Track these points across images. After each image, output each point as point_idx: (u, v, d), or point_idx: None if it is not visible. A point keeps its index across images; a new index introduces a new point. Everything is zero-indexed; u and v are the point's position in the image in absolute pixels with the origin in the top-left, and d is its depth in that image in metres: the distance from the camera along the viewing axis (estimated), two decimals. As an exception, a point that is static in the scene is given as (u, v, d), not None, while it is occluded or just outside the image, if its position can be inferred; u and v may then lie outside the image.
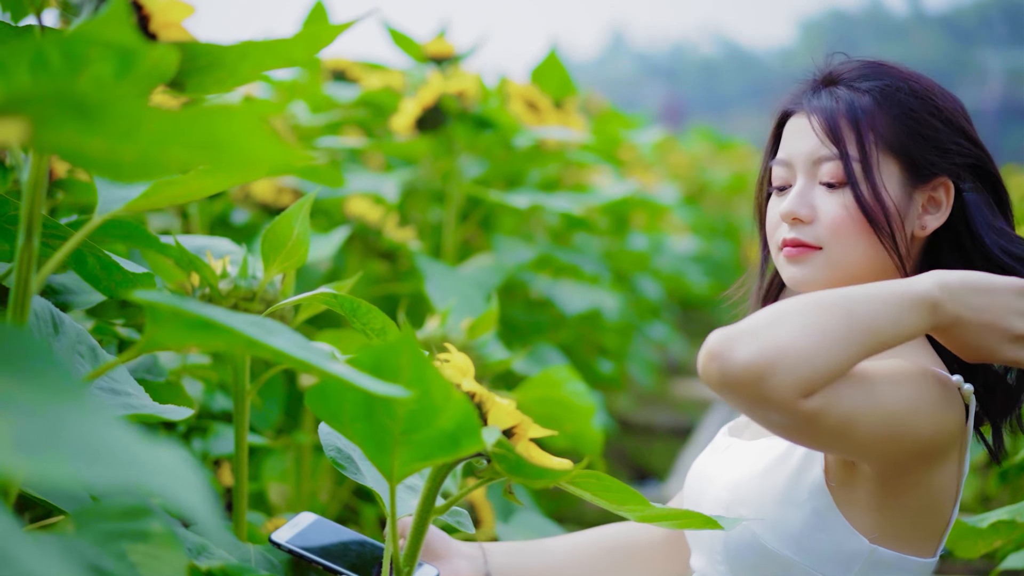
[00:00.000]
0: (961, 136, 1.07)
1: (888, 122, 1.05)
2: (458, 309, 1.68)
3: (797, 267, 1.06)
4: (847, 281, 1.05)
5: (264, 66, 0.77)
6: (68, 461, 0.44)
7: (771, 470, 1.02)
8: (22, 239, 0.75)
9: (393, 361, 0.77)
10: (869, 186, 1.03)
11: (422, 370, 0.76)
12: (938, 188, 1.07)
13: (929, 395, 0.96)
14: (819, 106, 1.07)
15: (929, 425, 0.95)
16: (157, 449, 0.48)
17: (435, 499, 0.90)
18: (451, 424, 0.78)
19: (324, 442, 1.00)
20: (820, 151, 1.06)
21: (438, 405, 0.78)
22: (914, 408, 0.94)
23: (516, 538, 1.38)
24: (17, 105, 0.56)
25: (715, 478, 1.08)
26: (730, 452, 1.10)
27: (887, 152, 1.05)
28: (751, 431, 1.14)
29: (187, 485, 0.46)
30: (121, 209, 0.82)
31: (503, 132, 2.10)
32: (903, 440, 0.94)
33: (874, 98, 1.06)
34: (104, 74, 0.62)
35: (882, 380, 0.93)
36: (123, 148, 0.58)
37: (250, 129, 0.58)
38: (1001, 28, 39.33)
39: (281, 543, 1.00)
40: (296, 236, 1.15)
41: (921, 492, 0.99)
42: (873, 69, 1.09)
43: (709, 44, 53.82)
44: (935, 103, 1.07)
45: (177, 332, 0.74)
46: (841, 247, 1.04)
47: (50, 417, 0.48)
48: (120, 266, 1.03)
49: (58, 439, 0.46)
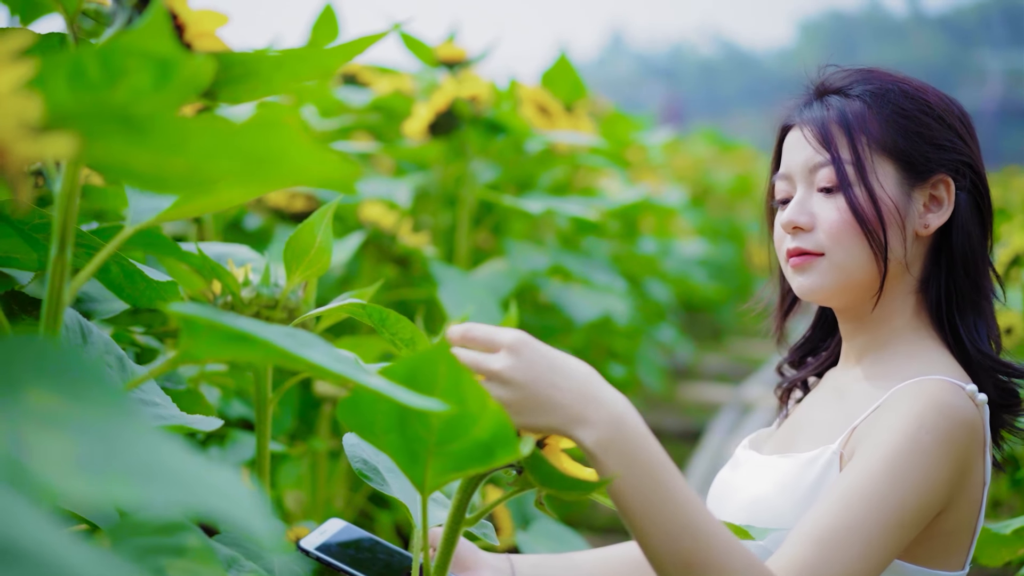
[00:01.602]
0: (954, 134, 1.07)
1: (880, 123, 1.05)
2: (473, 316, 1.67)
3: (803, 276, 1.06)
4: (854, 284, 1.05)
5: (299, 76, 0.76)
6: (130, 482, 0.43)
7: (787, 488, 1.02)
8: (55, 250, 0.75)
9: (429, 371, 0.76)
10: (864, 187, 1.03)
11: (458, 380, 0.76)
12: (938, 185, 1.06)
13: (937, 461, 0.95)
14: (811, 116, 1.08)
15: (949, 484, 0.96)
16: (212, 467, 0.48)
17: (466, 510, 0.89)
18: (486, 434, 0.78)
19: (350, 454, 0.99)
20: (815, 159, 1.06)
21: (474, 415, 0.77)
22: (927, 493, 0.94)
23: (536, 546, 1.38)
24: (65, 120, 0.55)
25: (733, 496, 1.07)
26: (747, 468, 1.10)
27: (881, 153, 1.05)
28: (771, 445, 1.14)
29: (247, 506, 0.45)
30: (153, 219, 0.82)
31: (515, 136, 2.10)
32: (932, 512, 0.95)
33: (864, 102, 1.06)
34: (142, 85, 0.62)
35: (878, 515, 0.92)
36: (170, 162, 0.57)
37: (297, 142, 0.57)
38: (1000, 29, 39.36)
39: (309, 550, 0.99)
40: (319, 244, 1.15)
41: (949, 515, 0.99)
42: (864, 75, 1.09)
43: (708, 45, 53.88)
44: (926, 101, 1.07)
45: (212, 345, 0.73)
46: (842, 250, 1.04)
47: (106, 436, 0.47)
48: (144, 274, 1.02)
49: (118, 459, 0.45)
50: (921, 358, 1.04)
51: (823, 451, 1.01)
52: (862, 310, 1.08)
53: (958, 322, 1.06)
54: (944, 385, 0.99)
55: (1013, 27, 38.91)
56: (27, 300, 1.01)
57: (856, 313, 1.09)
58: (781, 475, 1.03)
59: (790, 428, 1.13)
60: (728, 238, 5.45)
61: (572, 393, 0.80)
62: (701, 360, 4.72)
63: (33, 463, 0.43)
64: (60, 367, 0.52)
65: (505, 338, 0.81)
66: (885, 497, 0.92)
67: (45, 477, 0.42)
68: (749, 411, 3.67)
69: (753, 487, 1.05)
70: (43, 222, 0.97)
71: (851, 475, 0.94)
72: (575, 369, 0.81)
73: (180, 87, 0.64)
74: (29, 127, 0.53)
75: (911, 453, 0.94)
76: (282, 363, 0.75)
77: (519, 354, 0.80)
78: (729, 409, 3.66)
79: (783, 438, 1.12)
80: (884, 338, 1.08)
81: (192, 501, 0.44)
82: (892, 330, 1.07)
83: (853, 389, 1.07)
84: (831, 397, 1.11)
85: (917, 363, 1.04)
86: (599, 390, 0.80)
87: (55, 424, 0.47)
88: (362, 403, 0.81)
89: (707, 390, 4.12)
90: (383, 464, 1.02)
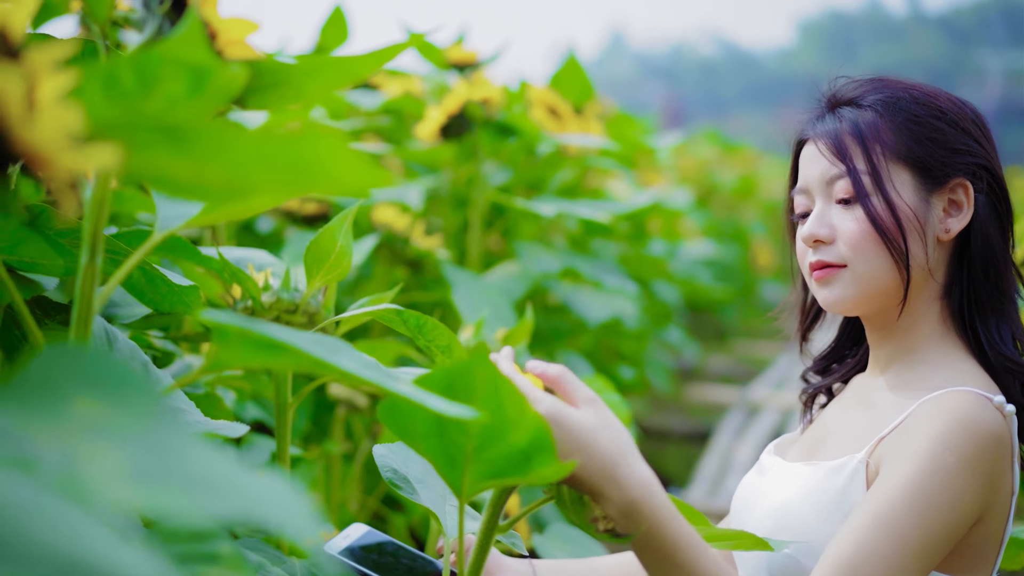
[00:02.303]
0: (969, 137, 1.07)
1: (893, 131, 1.05)
2: (487, 318, 1.67)
3: (827, 289, 1.06)
4: (877, 294, 1.05)
5: (329, 84, 0.76)
6: (183, 492, 0.43)
7: (813, 495, 1.02)
8: (85, 257, 0.75)
9: (467, 377, 0.76)
10: (881, 196, 1.03)
11: (496, 384, 0.76)
12: (956, 190, 1.06)
13: (963, 481, 0.95)
14: (824, 129, 1.08)
15: (977, 501, 0.96)
16: (263, 478, 0.48)
17: (499, 517, 0.89)
18: (524, 441, 0.78)
19: (380, 463, 0.99)
20: (830, 171, 1.06)
21: (512, 420, 0.77)
22: (954, 512, 0.94)
23: (553, 549, 1.38)
24: (106, 130, 0.55)
25: (759, 503, 1.07)
26: (773, 474, 1.10)
27: (896, 161, 1.05)
28: (795, 451, 1.14)
29: (302, 516, 0.45)
30: (181, 225, 0.82)
31: (526, 139, 2.10)
32: (961, 531, 0.95)
33: (876, 111, 1.06)
34: (176, 93, 0.62)
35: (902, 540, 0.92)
36: (210, 171, 0.57)
37: (337, 151, 0.57)
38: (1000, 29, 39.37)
39: (333, 554, 0.99)
40: (339, 248, 1.15)
41: (979, 527, 0.98)
42: (874, 84, 1.09)
43: (708, 45, 53.88)
44: (939, 106, 1.07)
45: (243, 352, 0.73)
46: (864, 261, 1.04)
47: (153, 445, 0.47)
48: (166, 279, 1.02)
49: (168, 469, 0.45)
50: (947, 367, 1.04)
51: (849, 460, 1.01)
52: (888, 318, 1.08)
53: (979, 327, 1.06)
54: (970, 398, 0.98)
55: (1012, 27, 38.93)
56: (50, 305, 1.01)
57: (882, 321, 1.09)
58: (807, 483, 1.03)
59: (815, 435, 1.13)
60: (732, 239, 5.45)
61: (594, 472, 0.83)
62: (707, 361, 4.72)
63: (84, 473, 0.43)
64: (102, 375, 0.52)
65: (535, 410, 0.83)
66: (910, 522, 0.92)
67: (97, 487, 0.42)
68: (756, 412, 3.67)
69: (779, 494, 1.05)
70: (68, 227, 0.97)
71: (876, 499, 0.94)
72: (601, 447, 0.83)
73: (214, 95, 0.64)
74: (72, 138, 0.53)
75: (935, 475, 0.94)
76: (312, 370, 0.75)
77: (595, 406, 0.84)
78: (736, 410, 3.66)
79: (808, 445, 1.12)
80: (910, 346, 1.07)
81: (246, 510, 0.44)
82: (918, 337, 1.07)
83: (879, 398, 1.07)
84: (857, 405, 1.10)
85: (943, 372, 1.03)
86: (620, 467, 0.83)
87: (102, 433, 0.47)
88: (400, 408, 0.81)
89: (713, 391, 4.12)
90: (413, 474, 1.02)
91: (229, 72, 0.64)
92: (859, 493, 0.99)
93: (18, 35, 0.54)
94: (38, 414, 0.46)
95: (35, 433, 0.44)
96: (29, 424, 0.45)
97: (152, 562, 0.36)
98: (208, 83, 0.62)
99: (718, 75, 48.62)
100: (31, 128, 0.50)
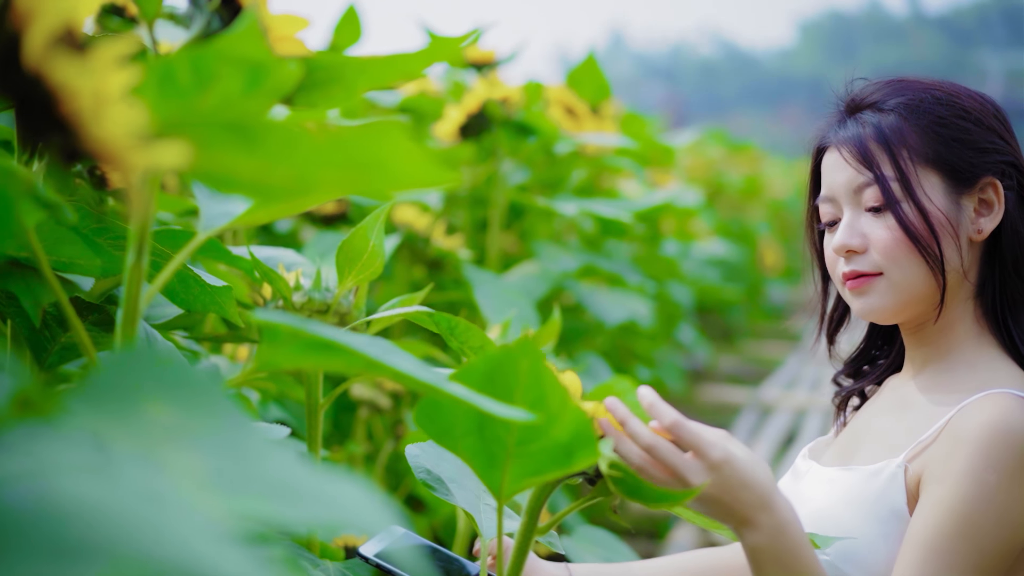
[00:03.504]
0: (994, 135, 1.05)
1: (918, 135, 1.03)
2: (504, 318, 1.66)
3: (863, 298, 1.05)
4: (915, 300, 1.04)
5: (381, 81, 0.75)
6: (269, 499, 0.42)
7: (852, 501, 1.01)
8: (132, 257, 0.73)
9: (509, 370, 0.75)
10: (912, 202, 1.02)
11: (539, 377, 0.75)
12: (986, 189, 1.05)
13: (1009, 496, 0.94)
14: (847, 136, 1.06)
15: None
16: (339, 481, 0.46)
17: (538, 518, 0.88)
18: (566, 435, 0.77)
19: (413, 464, 0.98)
20: (857, 179, 1.05)
21: (554, 414, 0.76)
22: (1006, 528, 0.94)
23: (582, 552, 1.37)
24: (174, 127, 0.54)
25: (798, 509, 1.06)
26: (809, 479, 1.09)
27: (924, 165, 1.03)
28: (830, 455, 1.13)
29: (379, 517, 0.44)
30: (225, 225, 0.81)
31: (545, 138, 2.09)
32: (1018, 544, 0.95)
33: (899, 115, 1.04)
34: (232, 90, 0.61)
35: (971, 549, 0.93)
36: (276, 170, 0.56)
37: (403, 148, 0.56)
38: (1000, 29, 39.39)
39: (369, 557, 0.98)
40: (371, 248, 1.14)
41: None
42: (894, 87, 1.07)
43: (708, 45, 53.90)
44: (962, 106, 1.05)
45: (294, 353, 0.72)
46: (899, 269, 1.03)
47: (231, 451, 0.46)
48: (199, 279, 1.01)
49: (249, 475, 0.44)
50: (983, 367, 1.03)
51: (887, 464, 1.00)
52: (924, 322, 1.07)
53: (1011, 325, 1.05)
54: (1008, 402, 0.97)
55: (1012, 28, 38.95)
56: (83, 305, 1.00)
57: (919, 325, 1.08)
58: (845, 488, 1.02)
59: (850, 438, 1.12)
60: (739, 239, 5.44)
61: (751, 503, 0.84)
62: (718, 362, 4.71)
63: (169, 480, 0.42)
64: (172, 380, 0.51)
65: (713, 455, 0.83)
66: (963, 547, 0.92)
67: (182, 494, 0.41)
68: (769, 413, 3.66)
69: (817, 500, 1.04)
70: (102, 226, 0.96)
71: (926, 526, 0.94)
72: (759, 479, 0.85)
73: (270, 93, 0.62)
74: (140, 135, 0.52)
75: (979, 498, 0.93)
76: (366, 371, 0.74)
77: (720, 472, 0.83)
78: (749, 411, 3.65)
79: (843, 448, 1.11)
80: (946, 347, 1.06)
81: (331, 517, 0.43)
82: (954, 338, 1.06)
83: (916, 401, 1.06)
84: (892, 407, 1.09)
85: (980, 373, 1.03)
86: (772, 496, 0.85)
87: (179, 439, 0.46)
88: (442, 408, 0.80)
89: (725, 392, 4.11)
90: (446, 474, 1.01)
91: (286, 69, 0.63)
92: (898, 497, 0.98)
93: (83, 31, 0.52)
94: (113, 419, 0.45)
95: (113, 439, 0.43)
96: (106, 430, 0.44)
97: (259, 564, 0.35)
98: (265, 80, 0.61)
99: (718, 75, 48.62)
100: (101, 124, 0.49)
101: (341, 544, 1.27)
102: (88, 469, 0.38)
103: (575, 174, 2.53)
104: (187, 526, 0.35)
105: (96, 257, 0.91)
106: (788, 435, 3.40)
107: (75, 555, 0.31)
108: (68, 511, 0.32)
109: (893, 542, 0.97)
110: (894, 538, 0.97)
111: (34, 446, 0.39)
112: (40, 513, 0.31)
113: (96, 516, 0.33)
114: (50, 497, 0.33)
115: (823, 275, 1.16)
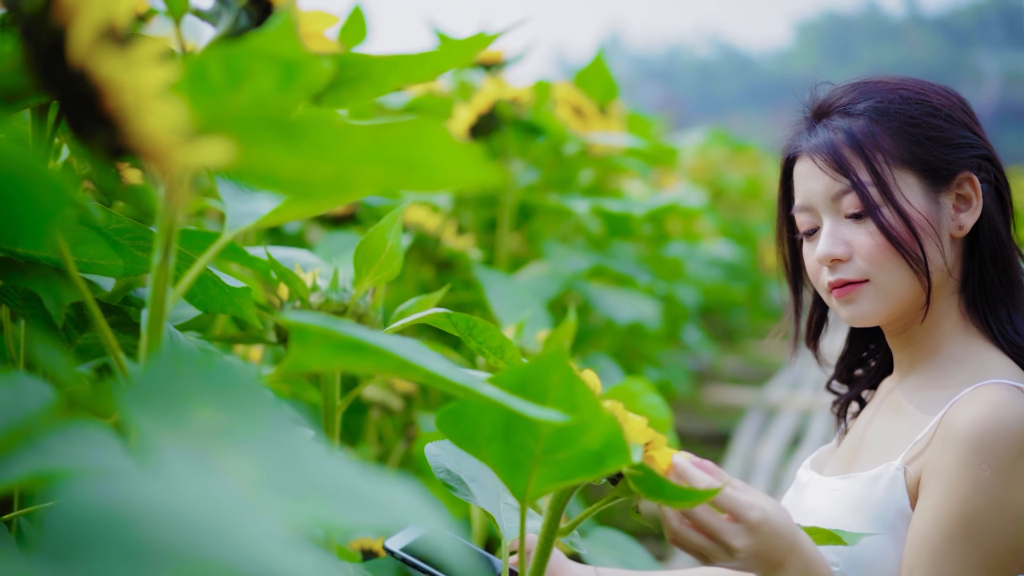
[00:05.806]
0: (966, 129, 1.05)
1: (891, 137, 1.03)
2: (516, 319, 1.65)
3: (851, 306, 1.04)
4: (903, 304, 1.03)
5: (410, 79, 0.74)
6: (327, 503, 0.41)
7: (855, 509, 1.01)
8: (159, 257, 0.72)
9: (542, 379, 0.75)
10: (892, 206, 1.01)
11: (571, 387, 0.74)
12: (963, 184, 1.04)
13: (1008, 490, 0.94)
14: (818, 143, 1.05)
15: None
16: (389, 484, 0.46)
17: (560, 519, 0.88)
18: (597, 443, 0.76)
19: (433, 464, 0.98)
20: (834, 187, 1.04)
21: (586, 423, 0.75)
22: (1009, 523, 0.94)
23: (599, 555, 1.36)
24: (213, 124, 0.53)
25: (802, 521, 1.06)
26: (812, 491, 1.08)
27: (900, 166, 1.02)
28: (833, 464, 1.12)
29: (434, 519, 0.44)
30: (251, 225, 0.80)
31: (554, 138, 2.08)
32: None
33: (870, 118, 1.03)
34: (265, 88, 0.60)
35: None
36: (317, 167, 0.55)
37: (444, 145, 0.55)
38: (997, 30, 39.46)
39: (395, 551, 0.98)
40: (389, 249, 1.13)
41: None
42: (860, 89, 1.06)
43: (705, 46, 53.92)
44: (931, 103, 1.05)
45: (325, 354, 0.71)
46: (885, 274, 1.02)
47: (284, 454, 0.45)
48: (217, 279, 1.00)
49: (304, 479, 0.43)
50: (971, 360, 1.03)
51: (886, 468, 1.00)
52: (911, 323, 1.07)
53: (990, 319, 1.04)
54: (999, 393, 0.97)
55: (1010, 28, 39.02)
56: (102, 307, 0.99)
57: (904, 326, 1.07)
58: (847, 497, 1.02)
59: (850, 445, 1.12)
60: (740, 240, 5.43)
61: (783, 549, 0.86)
62: (723, 362, 4.71)
63: (227, 483, 0.41)
64: (216, 383, 0.50)
65: (752, 517, 0.85)
66: (968, 547, 0.92)
67: (243, 498, 0.40)
68: (774, 414, 3.65)
69: (822, 511, 1.04)
70: (121, 226, 0.95)
71: (926, 530, 0.94)
72: (786, 524, 0.87)
73: (302, 90, 0.62)
74: (182, 132, 0.51)
75: (977, 496, 0.93)
76: (397, 373, 0.73)
77: (758, 533, 0.85)
78: (754, 412, 3.65)
79: (845, 456, 1.11)
80: (934, 345, 1.06)
81: (388, 519, 0.43)
82: (941, 335, 1.06)
83: (909, 401, 1.06)
84: (887, 410, 1.09)
85: (969, 366, 1.03)
86: (796, 536, 0.87)
87: (229, 442, 0.45)
88: (467, 413, 0.79)
89: (729, 393, 4.11)
90: (466, 473, 1.00)
91: (319, 67, 0.62)
92: (902, 499, 0.98)
93: (125, 27, 0.52)
94: (163, 422, 0.44)
95: (164, 443, 0.42)
96: (157, 433, 0.43)
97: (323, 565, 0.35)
98: (298, 78, 0.61)
99: (715, 76, 48.66)
100: (145, 120, 0.48)
101: (357, 547, 1.27)
102: (146, 472, 0.38)
103: (583, 175, 2.52)
104: (256, 530, 0.34)
105: (118, 257, 0.90)
106: (795, 436, 3.40)
107: (146, 558, 0.30)
108: (136, 514, 0.32)
109: (903, 544, 0.97)
110: (904, 540, 0.97)
111: (88, 448, 0.38)
112: (112, 515, 0.31)
113: (163, 519, 0.33)
114: (118, 499, 0.32)
115: (794, 286, 1.15)
